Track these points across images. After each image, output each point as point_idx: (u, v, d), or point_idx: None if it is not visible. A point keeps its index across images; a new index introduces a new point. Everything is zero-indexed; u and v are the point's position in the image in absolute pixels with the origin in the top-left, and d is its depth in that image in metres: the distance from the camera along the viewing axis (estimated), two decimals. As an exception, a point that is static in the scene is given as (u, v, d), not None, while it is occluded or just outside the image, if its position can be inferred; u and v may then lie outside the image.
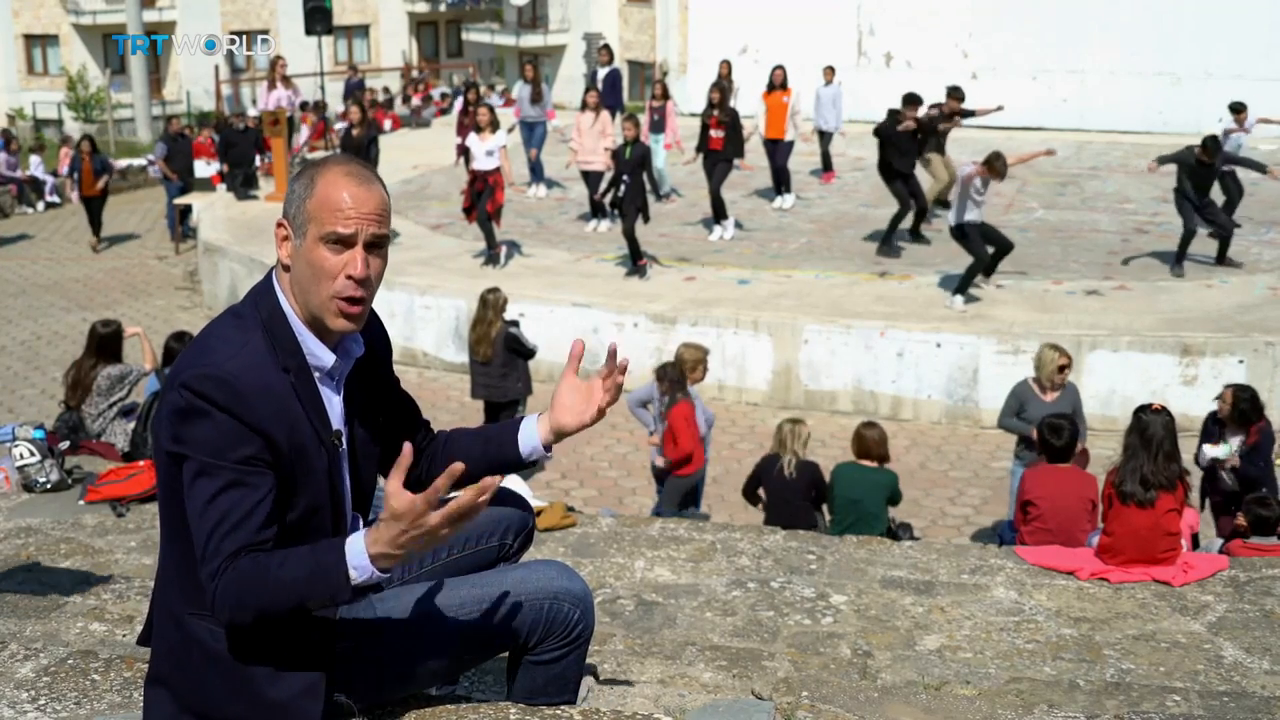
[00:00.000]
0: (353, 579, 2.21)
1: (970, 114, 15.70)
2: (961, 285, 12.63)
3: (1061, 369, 8.59)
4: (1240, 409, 8.01)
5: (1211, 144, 13.41)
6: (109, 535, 5.83)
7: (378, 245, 2.37)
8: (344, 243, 2.33)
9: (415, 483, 2.67)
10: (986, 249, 12.61)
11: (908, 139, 14.63)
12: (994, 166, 12.05)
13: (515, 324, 10.22)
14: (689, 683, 3.88)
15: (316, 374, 2.41)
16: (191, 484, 2.27)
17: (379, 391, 2.59)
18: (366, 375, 2.54)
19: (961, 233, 12.43)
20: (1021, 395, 8.79)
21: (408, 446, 2.24)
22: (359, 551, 2.21)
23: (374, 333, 2.57)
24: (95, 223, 20.34)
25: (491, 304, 10.07)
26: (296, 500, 2.34)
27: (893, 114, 14.76)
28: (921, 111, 14.96)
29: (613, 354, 2.60)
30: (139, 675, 2.84)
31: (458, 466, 2.17)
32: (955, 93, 16.26)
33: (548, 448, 2.63)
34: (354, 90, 24.96)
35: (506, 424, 2.68)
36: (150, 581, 3.95)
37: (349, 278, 2.33)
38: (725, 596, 5.27)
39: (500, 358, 10.03)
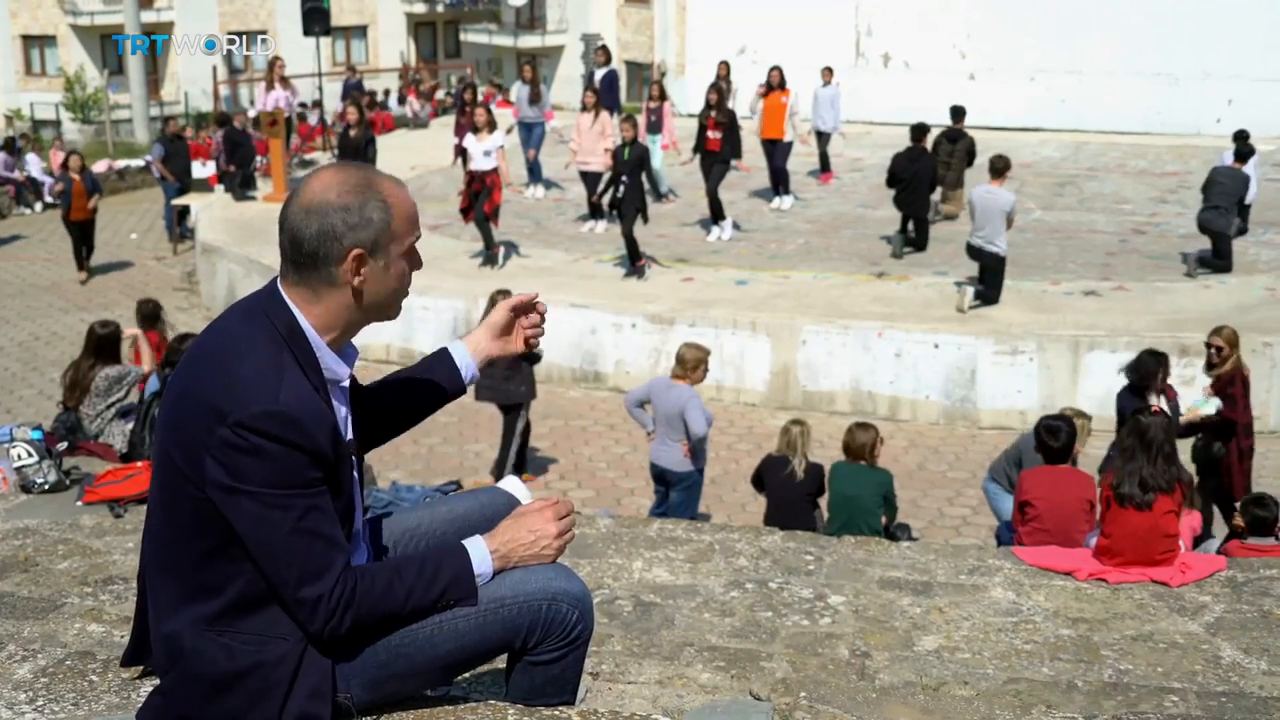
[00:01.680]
0: (477, 583, 2.44)
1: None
2: (984, 297, 12.64)
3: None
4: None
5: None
6: (107, 536, 5.82)
7: None
8: (415, 248, 2.50)
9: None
10: None
11: (924, 180, 14.67)
12: (1004, 170, 12.33)
13: None
14: (687, 683, 3.88)
15: (331, 387, 2.44)
16: (263, 518, 2.26)
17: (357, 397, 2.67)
18: (353, 386, 2.63)
19: (1002, 263, 12.48)
20: (1027, 451, 8.09)
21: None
22: (483, 556, 2.45)
23: None
24: (87, 248, 18.38)
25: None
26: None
27: (909, 150, 14.77)
28: (929, 140, 15.10)
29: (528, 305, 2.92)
30: (137, 676, 2.84)
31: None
32: (958, 113, 16.45)
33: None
34: (351, 91, 24.94)
35: (433, 360, 2.89)
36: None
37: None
38: (723, 597, 5.27)
39: (505, 361, 9.95)
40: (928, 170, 14.69)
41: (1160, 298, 12.98)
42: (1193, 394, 10.91)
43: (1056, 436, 7.00)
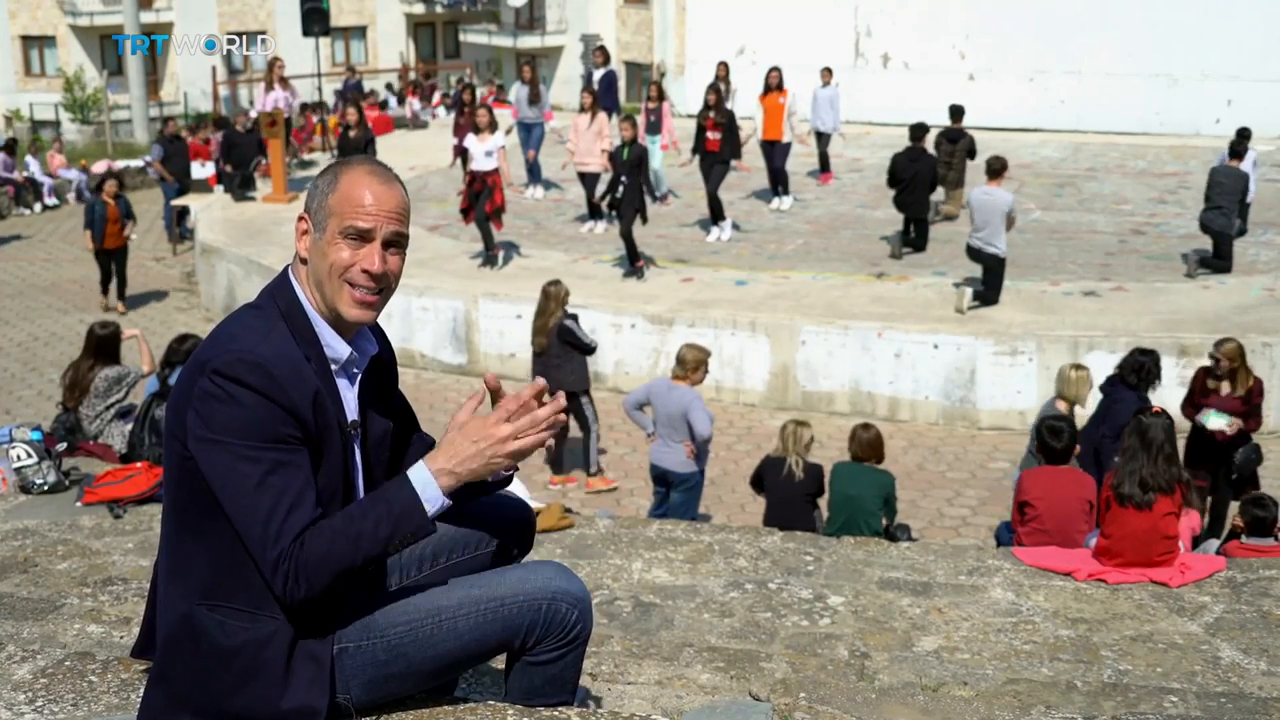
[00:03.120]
0: (428, 511, 2.34)
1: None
2: (983, 298, 12.69)
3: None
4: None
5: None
6: (106, 537, 5.82)
7: (396, 244, 2.47)
8: (363, 238, 2.42)
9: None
10: None
11: (924, 180, 14.69)
12: (1001, 171, 12.36)
13: (574, 317, 10.31)
14: (686, 684, 3.88)
15: (333, 365, 2.47)
16: (232, 469, 2.29)
17: (388, 396, 2.66)
18: (378, 377, 2.61)
19: (1002, 264, 12.51)
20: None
21: (490, 375, 2.44)
22: (426, 481, 2.35)
23: (381, 340, 2.66)
24: (120, 279, 16.69)
25: (553, 296, 10.20)
26: (315, 483, 2.39)
27: (909, 150, 14.76)
28: (929, 141, 15.12)
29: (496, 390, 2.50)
30: (136, 677, 2.84)
31: (540, 382, 2.40)
32: (957, 113, 16.48)
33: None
34: (350, 91, 24.91)
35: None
36: (147, 583, 3.95)
37: (364, 272, 2.42)
38: (723, 598, 5.28)
39: (554, 349, 10.13)
40: (928, 170, 14.69)
41: (1159, 298, 12.98)
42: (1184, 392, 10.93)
43: (1059, 437, 7.00)
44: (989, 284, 12.59)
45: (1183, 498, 6.02)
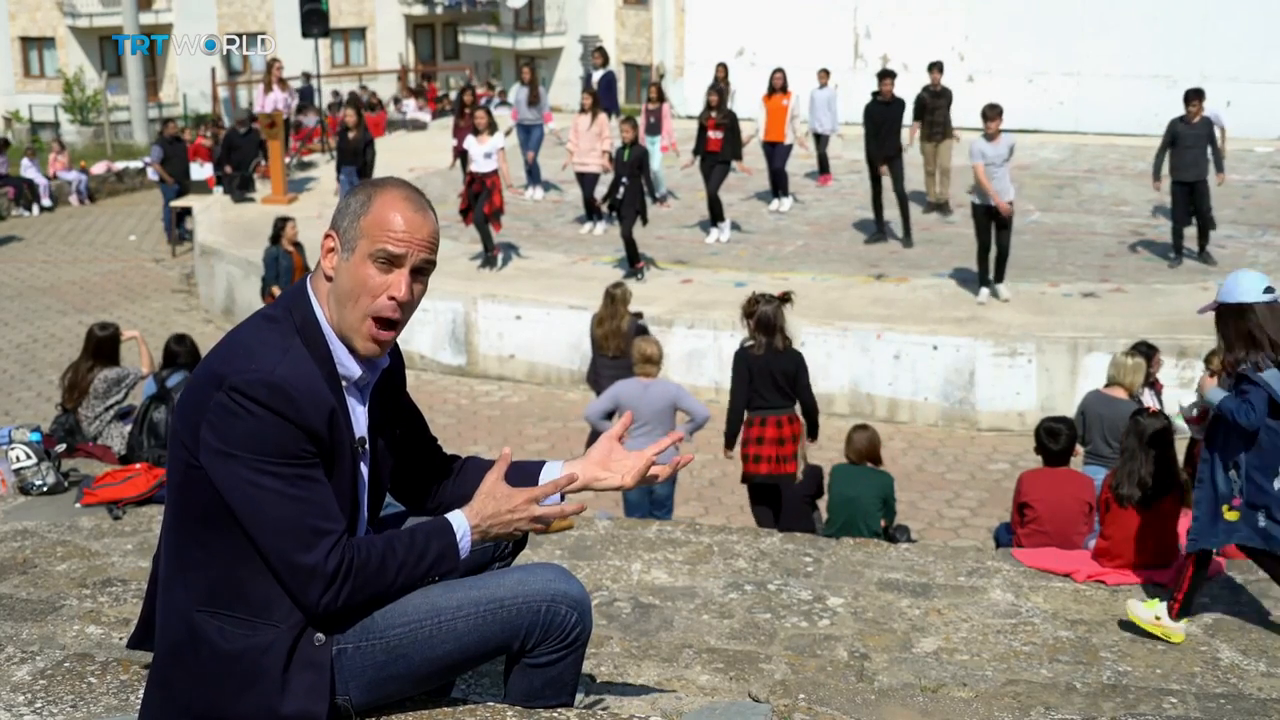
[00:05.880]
0: (460, 558, 2.49)
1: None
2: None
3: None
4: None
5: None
6: (105, 538, 5.82)
7: (422, 272, 2.46)
8: (393, 263, 2.41)
9: (422, 504, 2.79)
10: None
11: (891, 122, 14.91)
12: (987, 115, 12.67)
13: (640, 315, 10.28)
14: (686, 685, 3.88)
15: (344, 383, 2.47)
16: (252, 483, 2.29)
17: (396, 406, 2.67)
18: (386, 390, 2.62)
19: (974, 211, 12.64)
20: (1101, 407, 8.28)
21: (507, 450, 2.59)
22: (464, 531, 2.49)
23: (391, 351, 2.64)
24: None
25: (619, 299, 10.12)
26: None
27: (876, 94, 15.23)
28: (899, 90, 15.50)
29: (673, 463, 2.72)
30: (135, 678, 2.84)
31: (571, 474, 2.63)
32: (936, 67, 16.71)
33: (562, 495, 2.67)
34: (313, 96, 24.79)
35: (526, 463, 2.76)
36: (145, 584, 3.95)
37: (391, 298, 2.40)
38: (722, 599, 5.28)
39: (629, 351, 10.13)
40: (899, 113, 15.33)
41: (1158, 299, 12.98)
42: (1190, 395, 10.93)
43: (1057, 439, 6.99)
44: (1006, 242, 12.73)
45: (1182, 498, 6.02)
